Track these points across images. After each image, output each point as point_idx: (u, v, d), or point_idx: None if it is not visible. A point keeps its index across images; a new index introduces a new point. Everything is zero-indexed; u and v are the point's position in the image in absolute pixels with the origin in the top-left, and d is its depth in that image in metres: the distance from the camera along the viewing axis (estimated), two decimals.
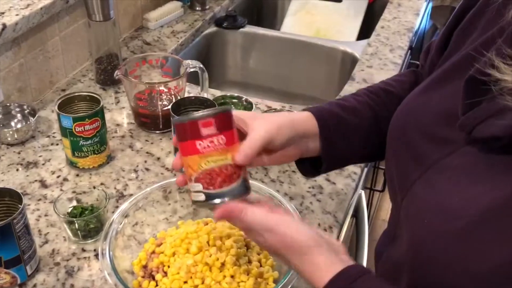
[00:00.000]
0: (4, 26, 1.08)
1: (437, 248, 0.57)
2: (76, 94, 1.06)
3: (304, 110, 0.81)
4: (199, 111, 0.66)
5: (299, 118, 0.79)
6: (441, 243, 0.56)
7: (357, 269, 0.62)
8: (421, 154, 0.65)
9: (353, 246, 1.17)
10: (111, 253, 0.79)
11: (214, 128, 0.64)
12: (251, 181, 0.71)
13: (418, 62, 0.89)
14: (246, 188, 0.68)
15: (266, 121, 0.73)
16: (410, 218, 0.64)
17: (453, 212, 0.56)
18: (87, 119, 1.00)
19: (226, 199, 0.65)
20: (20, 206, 0.81)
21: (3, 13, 1.11)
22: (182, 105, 1.06)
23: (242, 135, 0.71)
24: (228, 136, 0.65)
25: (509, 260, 0.51)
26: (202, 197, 0.66)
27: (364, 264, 1.07)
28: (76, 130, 1.00)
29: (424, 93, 0.71)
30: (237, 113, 0.71)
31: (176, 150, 0.98)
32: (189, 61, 1.19)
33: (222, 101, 1.21)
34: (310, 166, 0.83)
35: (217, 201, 0.66)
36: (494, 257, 0.52)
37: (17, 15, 1.12)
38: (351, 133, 0.81)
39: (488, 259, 0.52)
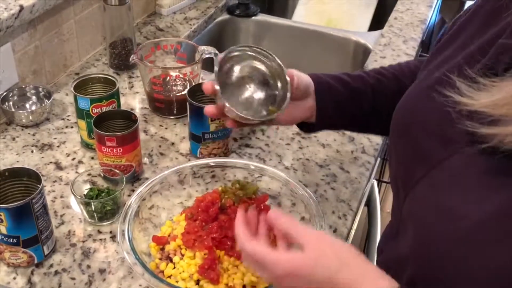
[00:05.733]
0: (21, 7, 1.08)
1: (440, 248, 0.57)
2: (91, 76, 1.06)
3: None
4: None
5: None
6: (444, 244, 0.57)
7: None
8: (426, 153, 0.64)
9: (364, 234, 1.18)
10: (130, 233, 0.79)
11: (115, 143, 0.94)
12: (266, 166, 0.94)
13: (428, 55, 0.89)
14: (133, 178, 1.00)
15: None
16: (414, 217, 0.64)
17: (455, 214, 0.57)
18: (104, 101, 1.00)
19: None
20: (39, 186, 0.81)
21: None
22: (198, 91, 1.06)
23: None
24: (126, 148, 0.95)
25: (509, 265, 0.51)
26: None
27: (375, 253, 1.07)
28: (94, 111, 1.00)
29: (430, 90, 0.68)
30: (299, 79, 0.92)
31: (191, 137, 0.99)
32: (204, 47, 1.18)
33: None
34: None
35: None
36: (493, 261, 0.52)
37: None
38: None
39: (488, 263, 0.53)
